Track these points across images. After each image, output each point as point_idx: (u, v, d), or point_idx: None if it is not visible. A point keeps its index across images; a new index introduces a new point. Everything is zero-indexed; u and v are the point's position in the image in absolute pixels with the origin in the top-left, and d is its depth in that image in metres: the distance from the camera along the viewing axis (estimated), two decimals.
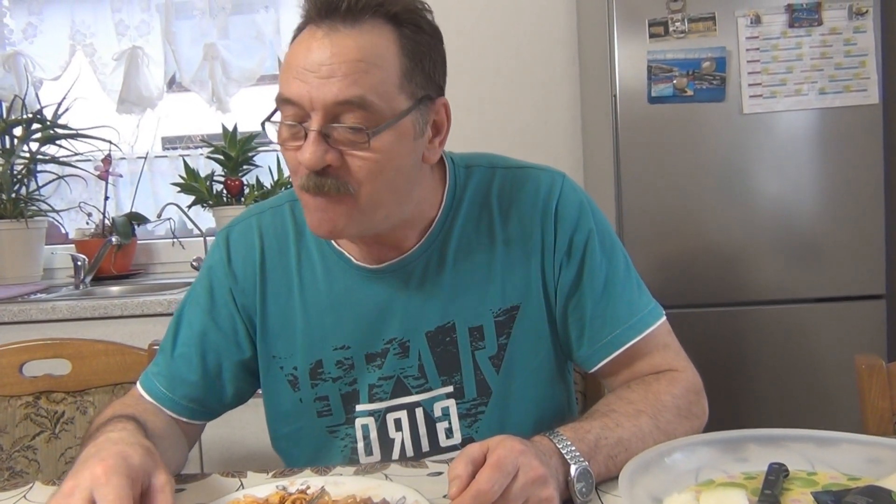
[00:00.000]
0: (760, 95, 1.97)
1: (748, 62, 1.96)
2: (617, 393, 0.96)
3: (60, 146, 2.66)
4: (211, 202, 2.61)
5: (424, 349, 1.00)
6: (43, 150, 2.63)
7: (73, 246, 2.67)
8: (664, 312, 1.03)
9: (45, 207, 2.63)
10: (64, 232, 2.81)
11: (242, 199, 2.58)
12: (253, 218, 1.07)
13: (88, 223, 2.75)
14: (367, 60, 0.84)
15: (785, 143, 1.98)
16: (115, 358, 1.36)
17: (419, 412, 1.01)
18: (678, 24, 1.96)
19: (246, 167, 2.67)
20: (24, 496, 0.92)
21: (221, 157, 2.62)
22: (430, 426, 1.02)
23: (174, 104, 2.87)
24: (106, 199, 2.72)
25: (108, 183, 2.72)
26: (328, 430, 1.04)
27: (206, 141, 2.77)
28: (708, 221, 2.02)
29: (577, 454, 0.80)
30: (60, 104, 2.63)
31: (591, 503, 0.80)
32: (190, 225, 2.74)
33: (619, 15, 1.99)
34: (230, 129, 2.62)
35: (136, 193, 2.82)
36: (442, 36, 0.94)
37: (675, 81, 1.97)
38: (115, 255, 2.60)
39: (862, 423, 1.14)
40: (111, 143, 2.68)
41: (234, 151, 2.61)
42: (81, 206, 2.75)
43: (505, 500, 0.71)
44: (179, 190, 2.65)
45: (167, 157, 2.87)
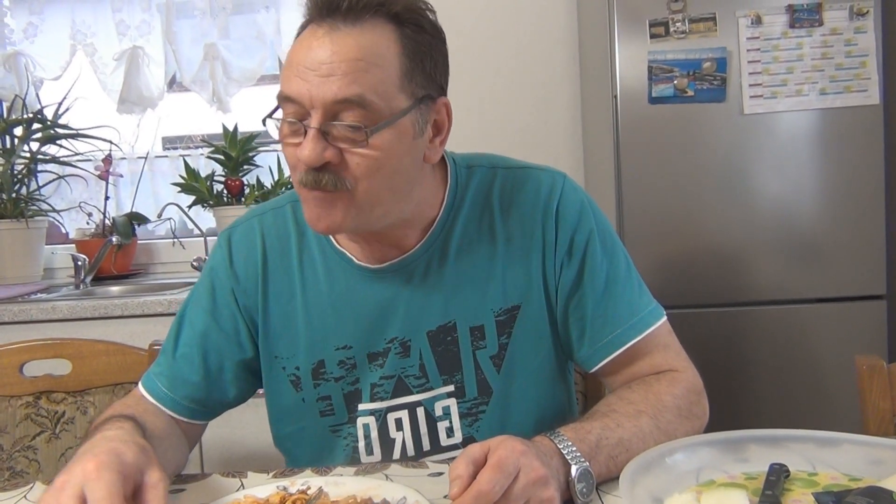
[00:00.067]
0: (761, 96, 1.97)
1: (749, 62, 1.96)
2: (617, 393, 0.96)
3: (61, 146, 2.66)
4: (211, 202, 2.61)
5: (425, 348, 1.00)
6: (43, 149, 2.63)
7: (73, 246, 2.67)
8: (665, 313, 1.03)
9: (45, 207, 2.63)
10: (64, 232, 2.81)
11: (243, 199, 2.58)
12: (255, 219, 1.07)
13: (89, 223, 2.75)
14: (366, 59, 0.85)
15: (785, 143, 1.98)
16: (115, 358, 1.36)
17: (420, 411, 1.01)
18: (679, 24, 1.96)
19: (246, 167, 2.67)
20: (24, 496, 0.92)
21: (222, 157, 2.62)
22: (430, 425, 1.02)
23: (175, 104, 2.87)
24: (106, 198, 2.72)
25: (108, 183, 2.72)
26: (331, 429, 1.04)
27: (206, 141, 2.77)
28: (708, 222, 2.02)
29: (577, 454, 0.80)
30: (61, 104, 2.64)
31: (591, 503, 0.80)
32: (190, 225, 2.74)
33: (619, 15, 1.99)
34: (231, 129, 2.62)
35: (136, 193, 2.82)
36: (444, 36, 0.94)
37: (675, 82, 1.97)
38: (115, 255, 2.61)
39: (862, 423, 1.15)
40: (112, 142, 2.68)
41: (234, 151, 2.61)
42: (82, 205, 2.75)
43: (506, 500, 0.71)
44: (180, 190, 2.65)
45: (168, 157, 2.87)
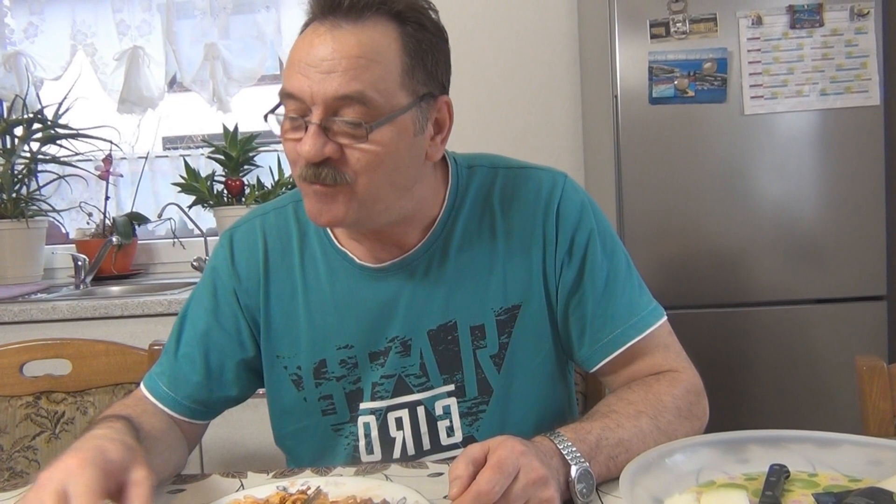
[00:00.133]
0: (761, 96, 1.97)
1: (749, 63, 1.96)
2: (617, 394, 0.96)
3: (61, 146, 2.66)
4: (211, 202, 2.61)
5: (426, 347, 1.00)
6: (44, 149, 2.63)
7: (73, 246, 2.67)
8: (665, 313, 1.03)
9: (45, 207, 2.63)
10: (64, 232, 2.82)
11: (243, 199, 2.58)
12: (256, 219, 1.07)
13: (89, 223, 2.75)
14: (367, 56, 0.85)
15: (786, 144, 1.98)
16: (115, 358, 1.36)
17: (420, 410, 1.02)
18: (679, 24, 1.96)
19: (247, 167, 2.67)
20: (24, 496, 0.92)
21: (222, 157, 2.62)
22: (431, 424, 1.02)
23: (175, 104, 2.87)
24: (106, 198, 2.72)
25: (108, 183, 2.72)
26: (332, 428, 1.04)
27: (206, 141, 2.77)
28: (709, 222, 2.02)
29: (577, 455, 0.80)
30: (61, 104, 2.64)
31: (591, 503, 0.80)
32: (190, 225, 2.74)
33: (620, 15, 1.99)
34: (231, 129, 2.62)
35: (136, 193, 2.82)
36: (447, 35, 0.95)
37: (676, 82, 1.97)
38: (115, 255, 2.61)
39: (863, 424, 1.14)
40: (112, 142, 2.69)
41: (234, 151, 2.60)
42: (82, 205, 2.76)
43: (506, 500, 0.71)
44: (180, 190, 2.65)
45: (168, 157, 2.87)
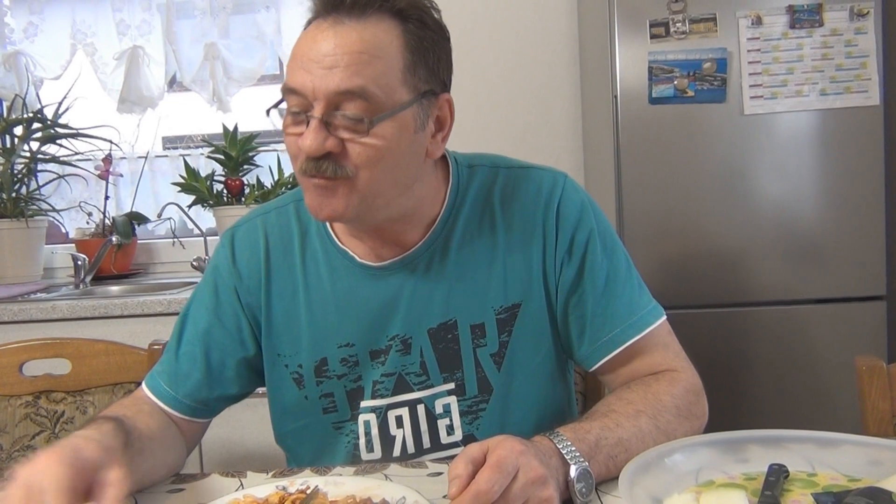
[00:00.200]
0: (761, 96, 1.97)
1: (749, 63, 1.96)
2: (617, 393, 0.96)
3: (61, 145, 2.66)
4: (211, 202, 2.61)
5: (426, 346, 1.01)
6: (43, 149, 2.63)
7: (73, 245, 2.67)
8: (665, 312, 1.03)
9: (45, 207, 2.63)
10: (64, 231, 2.81)
11: (243, 198, 2.58)
12: (258, 218, 1.08)
13: (89, 223, 2.75)
14: (369, 52, 0.86)
15: (786, 144, 1.98)
16: (115, 357, 1.36)
17: (421, 409, 1.02)
18: (679, 24, 1.96)
19: (246, 167, 2.67)
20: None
21: (222, 156, 2.62)
22: (431, 423, 1.02)
23: (175, 104, 2.87)
24: (106, 198, 2.72)
25: (108, 182, 2.72)
26: (333, 426, 1.04)
27: (206, 141, 2.77)
28: (708, 222, 2.02)
29: (577, 454, 0.80)
30: (61, 103, 2.64)
31: (591, 503, 0.80)
32: (190, 225, 2.74)
33: (619, 16, 1.99)
34: (231, 128, 2.62)
35: (136, 193, 2.82)
36: (448, 35, 0.96)
37: (675, 82, 1.97)
38: (115, 254, 2.61)
39: (862, 424, 1.14)
40: (112, 142, 2.69)
41: (234, 151, 2.60)
42: (82, 205, 2.76)
43: (505, 500, 0.71)
44: (180, 190, 2.64)
45: (168, 156, 2.87)
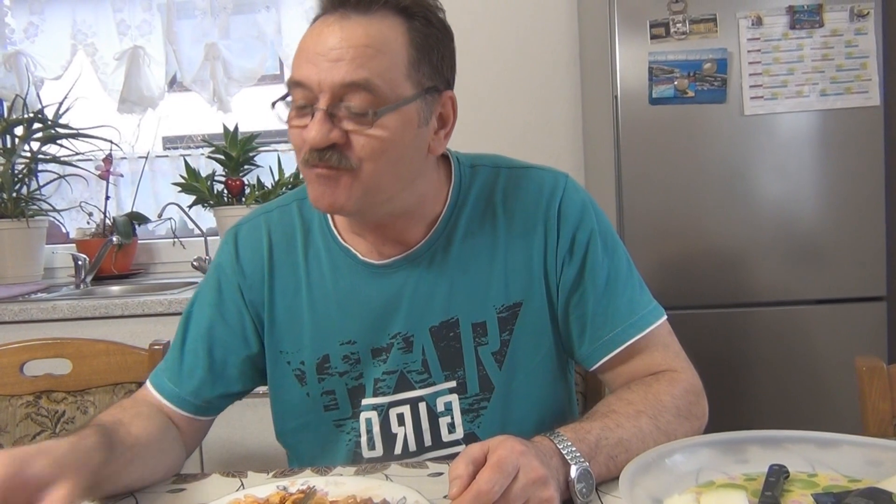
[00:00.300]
0: (761, 97, 1.97)
1: (749, 63, 1.96)
2: (617, 394, 0.96)
3: (61, 146, 2.66)
4: (212, 202, 2.61)
5: (428, 344, 1.01)
6: (44, 149, 2.63)
7: (73, 245, 2.67)
8: (665, 313, 1.03)
9: (45, 207, 2.63)
10: (65, 231, 2.82)
11: (243, 199, 2.58)
12: (261, 217, 1.09)
13: (89, 223, 2.75)
14: (374, 46, 0.87)
15: (786, 144, 1.98)
16: (115, 358, 1.36)
17: (422, 407, 1.02)
18: (679, 25, 1.96)
19: (247, 167, 2.67)
20: None
21: (222, 156, 2.62)
22: (432, 421, 1.02)
23: (175, 104, 2.87)
24: (107, 198, 2.72)
25: (108, 182, 2.72)
26: (335, 423, 1.05)
27: (206, 141, 2.77)
28: (709, 223, 2.02)
29: (577, 455, 0.80)
30: (61, 104, 2.64)
31: (591, 503, 0.80)
32: (191, 225, 2.74)
33: (620, 16, 1.99)
34: (231, 129, 2.62)
35: (136, 193, 2.82)
36: (452, 34, 0.96)
37: (676, 83, 1.97)
38: (115, 254, 2.61)
39: (862, 424, 1.14)
40: (112, 142, 2.69)
41: (234, 151, 2.61)
42: (82, 205, 2.76)
43: (505, 500, 0.71)
44: (180, 190, 2.65)
45: (168, 156, 2.87)
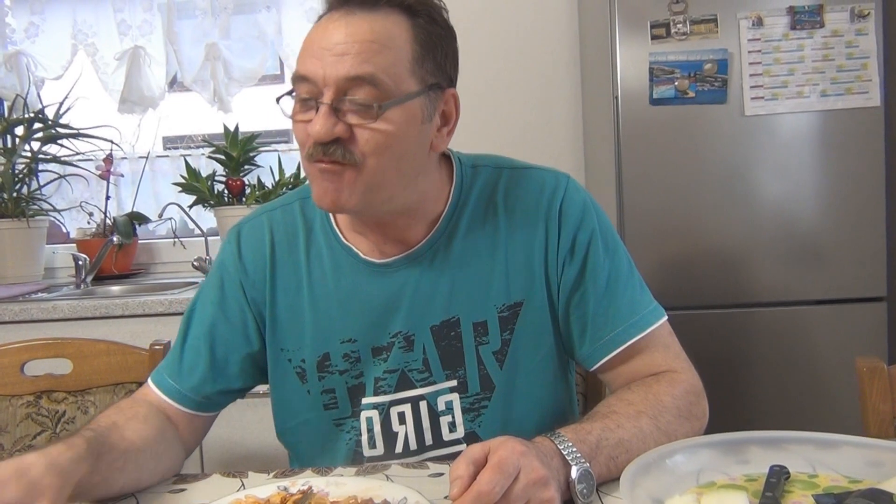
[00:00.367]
0: (762, 97, 1.97)
1: (750, 64, 1.96)
2: (617, 394, 0.97)
3: (62, 145, 2.66)
4: (212, 202, 2.61)
5: (429, 343, 1.01)
6: (44, 149, 2.63)
7: (74, 245, 2.67)
8: (666, 313, 1.03)
9: (46, 207, 2.63)
10: (65, 231, 2.82)
11: (244, 199, 2.58)
12: (264, 215, 1.09)
13: (90, 223, 2.75)
14: (379, 42, 0.88)
15: (786, 145, 1.98)
16: (116, 358, 1.36)
17: (423, 405, 1.02)
18: (680, 25, 1.96)
19: (247, 167, 2.67)
20: None
21: (223, 157, 2.62)
22: (433, 420, 1.02)
23: (176, 104, 2.87)
24: (107, 198, 2.72)
25: (109, 182, 2.72)
26: (334, 422, 1.05)
27: (207, 141, 2.77)
28: (709, 223, 2.02)
29: (578, 455, 0.80)
30: (62, 104, 2.64)
31: None
32: (191, 225, 2.74)
33: (620, 16, 1.99)
34: (231, 129, 2.62)
35: (137, 193, 2.82)
36: (455, 34, 0.97)
37: (676, 83, 1.97)
38: (116, 254, 2.61)
39: (863, 425, 1.14)
40: (112, 142, 2.69)
41: (235, 151, 2.61)
42: (83, 205, 2.76)
43: (506, 501, 0.71)
44: (181, 190, 2.65)
45: (168, 156, 2.87)
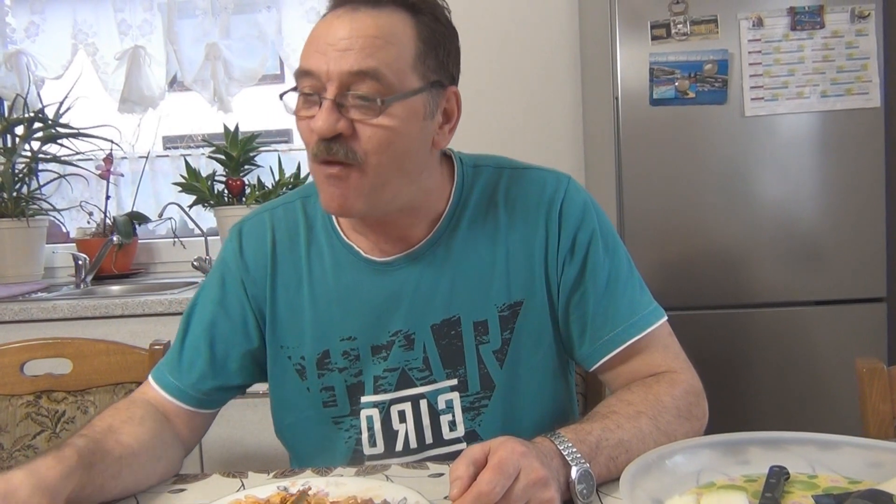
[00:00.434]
0: (762, 98, 1.97)
1: (750, 65, 1.96)
2: (617, 395, 0.97)
3: (62, 145, 2.66)
4: (212, 202, 2.61)
5: (430, 342, 1.01)
6: (44, 149, 2.63)
7: (74, 245, 2.67)
8: (665, 314, 1.04)
9: (46, 206, 2.63)
10: (65, 231, 2.82)
11: (244, 199, 2.58)
12: (265, 213, 1.10)
13: (90, 222, 2.75)
14: (383, 37, 0.89)
15: (786, 145, 1.98)
16: (115, 357, 1.36)
17: (423, 404, 1.02)
18: (680, 26, 1.96)
19: (247, 167, 2.67)
20: None
21: (223, 156, 2.62)
22: (433, 418, 1.02)
23: (176, 104, 2.87)
24: (107, 198, 2.72)
25: (109, 182, 2.72)
26: (333, 420, 1.05)
27: (207, 141, 2.77)
28: (709, 224, 2.02)
29: (578, 456, 0.80)
30: (62, 103, 2.63)
31: None
32: (191, 225, 2.74)
33: (621, 17, 1.99)
34: (232, 128, 2.62)
35: (137, 193, 2.82)
36: (457, 34, 0.98)
37: (676, 84, 1.97)
38: (116, 254, 2.61)
39: (863, 426, 1.15)
40: (113, 142, 2.69)
41: (235, 151, 2.60)
42: (83, 205, 2.76)
43: (506, 501, 0.71)
44: (181, 189, 2.64)
45: (168, 156, 2.87)
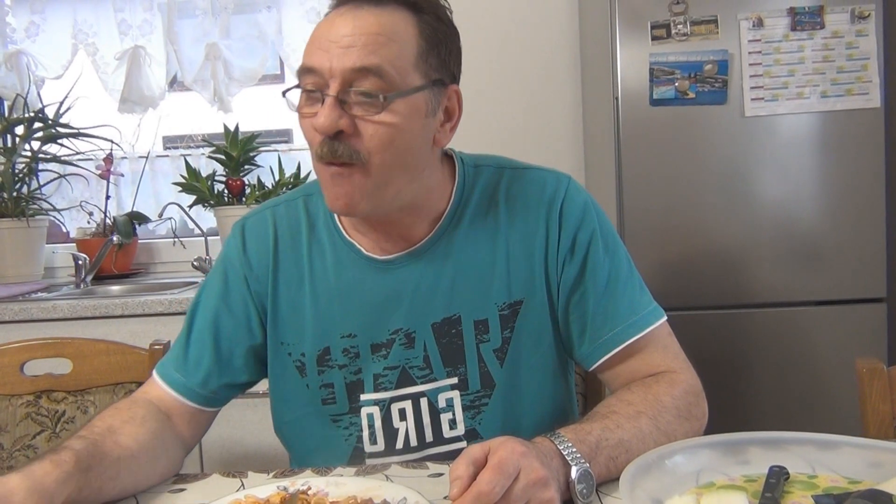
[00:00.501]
0: (762, 98, 1.97)
1: (750, 65, 1.96)
2: (617, 395, 0.97)
3: (62, 145, 2.66)
4: (212, 202, 2.61)
5: (430, 340, 1.02)
6: (44, 148, 2.63)
7: (74, 245, 2.67)
8: (665, 314, 1.04)
9: (46, 206, 2.63)
10: (65, 231, 2.82)
11: (244, 198, 2.58)
12: (268, 210, 1.10)
13: (90, 222, 2.75)
14: (386, 35, 0.89)
15: (786, 146, 1.98)
16: (115, 357, 1.36)
17: (424, 402, 1.03)
18: (680, 26, 1.96)
19: (247, 167, 2.67)
20: None
21: (223, 156, 2.62)
22: (434, 417, 1.03)
23: (176, 104, 2.87)
24: (107, 198, 2.72)
25: (109, 182, 2.72)
26: (332, 418, 1.05)
27: (207, 141, 2.77)
28: (709, 224, 2.02)
29: (578, 455, 0.80)
30: (62, 103, 2.63)
31: None
32: (191, 225, 2.74)
33: (621, 17, 1.99)
34: (232, 128, 2.62)
35: (137, 193, 2.82)
36: (459, 33, 0.98)
37: (676, 84, 1.97)
38: (116, 254, 2.61)
39: (862, 426, 1.15)
40: (113, 142, 2.69)
41: (235, 151, 2.61)
42: (83, 205, 2.76)
43: (506, 501, 0.71)
44: (181, 189, 2.65)
45: (168, 156, 2.87)
